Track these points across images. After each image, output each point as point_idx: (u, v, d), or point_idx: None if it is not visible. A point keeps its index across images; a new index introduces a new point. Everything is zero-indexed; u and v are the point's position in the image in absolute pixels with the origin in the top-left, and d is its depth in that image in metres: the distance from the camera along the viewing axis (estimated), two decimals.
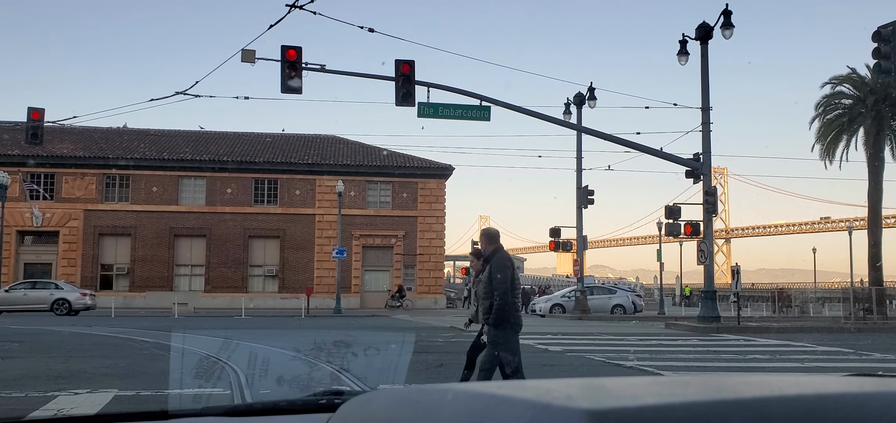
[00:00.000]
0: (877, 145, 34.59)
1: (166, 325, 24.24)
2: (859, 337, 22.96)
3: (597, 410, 0.91)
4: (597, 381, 1.23)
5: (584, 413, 0.91)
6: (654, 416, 0.92)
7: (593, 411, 0.91)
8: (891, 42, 19.53)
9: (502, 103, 26.25)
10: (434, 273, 49.34)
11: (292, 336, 20.13)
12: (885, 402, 1.07)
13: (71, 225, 45.70)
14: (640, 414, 0.92)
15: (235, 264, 46.67)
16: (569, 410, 0.93)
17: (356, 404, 1.63)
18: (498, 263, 8.08)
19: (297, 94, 22.42)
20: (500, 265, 8.05)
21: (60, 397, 9.26)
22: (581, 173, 37.31)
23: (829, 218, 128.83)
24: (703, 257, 27.45)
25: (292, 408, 2.42)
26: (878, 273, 34.20)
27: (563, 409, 0.94)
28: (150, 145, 48.71)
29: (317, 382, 8.40)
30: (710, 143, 27.64)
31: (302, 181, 47.80)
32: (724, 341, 20.99)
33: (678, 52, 28.26)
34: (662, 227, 38.80)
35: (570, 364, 14.10)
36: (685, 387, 1.11)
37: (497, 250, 8.25)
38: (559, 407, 0.95)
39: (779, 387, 1.09)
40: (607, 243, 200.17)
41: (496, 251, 8.24)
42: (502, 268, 8.02)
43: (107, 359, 13.97)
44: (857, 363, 15.40)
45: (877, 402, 1.06)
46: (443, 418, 1.16)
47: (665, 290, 53.93)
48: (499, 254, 8.21)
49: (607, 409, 0.92)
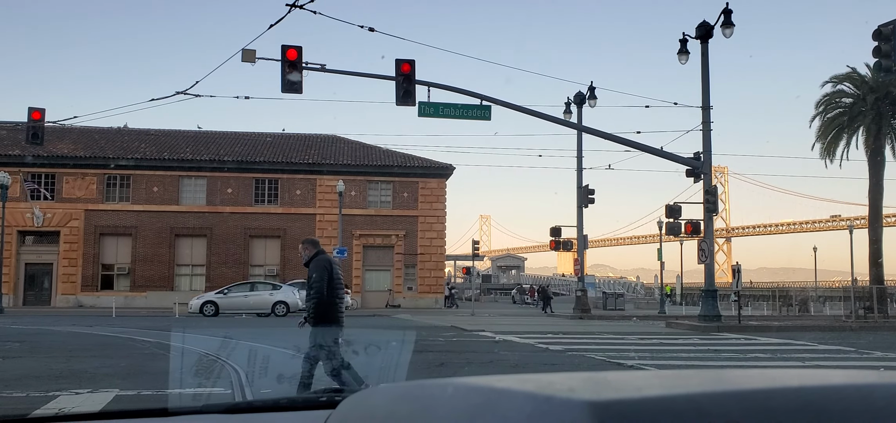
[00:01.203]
0: (877, 144, 34.57)
1: (167, 325, 24.24)
2: (861, 336, 22.95)
3: (599, 401, 0.91)
4: (599, 374, 1.22)
5: (586, 405, 0.90)
6: (656, 407, 0.91)
7: (595, 402, 0.90)
8: (891, 40, 19.51)
9: (503, 103, 26.25)
10: (435, 273, 49.34)
11: (293, 335, 20.13)
12: (889, 393, 1.07)
13: (72, 225, 45.69)
14: (641, 405, 0.91)
15: (236, 264, 46.64)
16: (571, 401, 0.92)
17: (356, 400, 1.63)
18: (315, 265, 8.88)
19: (298, 93, 22.43)
20: (317, 267, 8.84)
21: (62, 396, 9.27)
22: (581, 172, 37.33)
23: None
24: (704, 256, 27.45)
25: (293, 405, 2.42)
26: (879, 271, 34.17)
27: (566, 400, 0.93)
28: (151, 145, 48.70)
29: (317, 380, 8.42)
30: (711, 142, 27.64)
31: (302, 181, 47.79)
32: (725, 340, 20.98)
33: (678, 52, 28.26)
34: (663, 226, 38.81)
35: (571, 363, 14.10)
36: (687, 379, 1.11)
37: (316, 255, 9.02)
38: (561, 399, 0.94)
39: (781, 379, 1.09)
40: (608, 243, 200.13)
41: (315, 256, 9.00)
42: (319, 269, 8.81)
43: (108, 359, 13.98)
44: (858, 362, 15.39)
45: (881, 393, 1.06)
46: (442, 412, 1.15)
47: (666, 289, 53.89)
48: (317, 258, 8.98)
49: (609, 400, 0.91)
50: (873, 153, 34.65)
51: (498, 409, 1.03)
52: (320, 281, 8.76)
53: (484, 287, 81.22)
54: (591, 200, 37.03)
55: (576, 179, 37.49)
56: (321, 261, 8.93)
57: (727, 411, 0.92)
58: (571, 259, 52.29)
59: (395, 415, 1.28)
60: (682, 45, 28.14)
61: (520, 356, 15.39)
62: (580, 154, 37.16)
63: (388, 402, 1.40)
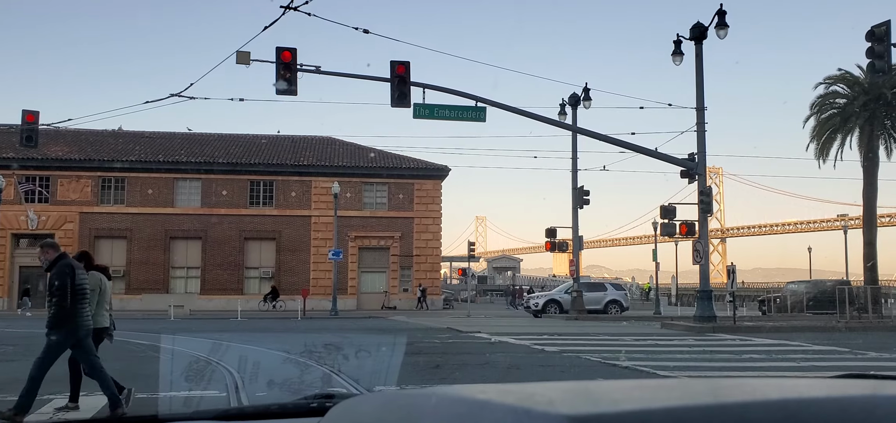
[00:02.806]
0: (871, 144, 34.67)
1: (162, 327, 24.19)
2: (854, 336, 23.02)
3: (576, 415, 0.91)
4: (581, 385, 1.23)
5: (563, 418, 0.91)
6: (633, 421, 0.92)
7: (573, 416, 0.91)
8: (884, 41, 19.59)
9: (498, 104, 26.26)
10: (431, 274, 49.30)
11: (289, 339, 20.11)
12: (868, 405, 1.07)
13: (66, 228, 45.57)
14: (619, 420, 0.92)
15: (231, 267, 46.60)
16: (549, 415, 0.93)
17: (343, 408, 1.64)
18: (57, 271, 8.52)
19: (292, 95, 22.43)
20: (58, 273, 8.49)
21: (55, 400, 9.25)
22: (576, 174, 37.36)
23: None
24: (699, 257, 27.50)
25: (283, 412, 2.42)
26: (873, 272, 34.27)
27: (544, 414, 0.94)
28: (145, 148, 48.61)
29: (308, 385, 8.41)
30: (705, 143, 27.69)
31: (297, 183, 47.74)
32: (720, 340, 21.02)
33: (673, 53, 28.30)
34: (658, 227, 38.85)
35: (566, 365, 14.11)
36: (668, 391, 1.11)
37: (58, 259, 8.65)
38: (539, 413, 0.95)
39: (761, 391, 1.09)
40: (603, 244, 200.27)
41: (57, 260, 8.64)
42: (61, 275, 8.44)
43: (103, 362, 13.92)
44: (852, 362, 15.43)
45: (860, 405, 1.06)
46: (426, 422, 1.16)
47: (661, 289, 54.02)
48: (59, 263, 8.60)
49: (586, 414, 0.92)
50: (867, 154, 34.75)
51: (479, 421, 1.04)
52: (63, 288, 8.37)
53: (480, 288, 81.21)
54: (586, 202, 37.08)
55: (571, 181, 37.56)
56: (64, 267, 8.53)
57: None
58: (567, 260, 52.39)
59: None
60: (676, 47, 28.18)
61: (514, 358, 15.40)
62: (575, 155, 37.22)
63: (374, 410, 1.42)
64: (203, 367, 9.47)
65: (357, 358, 9.35)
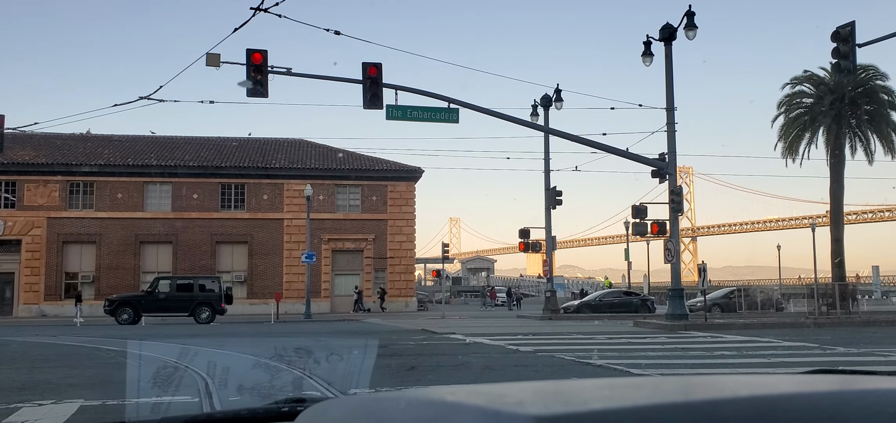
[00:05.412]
0: (837, 143, 35.21)
1: (132, 333, 23.91)
2: (823, 332, 23.37)
3: (545, 415, 0.91)
4: (551, 384, 1.23)
5: (532, 419, 0.90)
6: (602, 420, 0.91)
7: (541, 416, 0.90)
8: (849, 42, 19.91)
9: (470, 105, 26.31)
10: (405, 276, 49.26)
11: (261, 343, 19.97)
12: (836, 400, 1.08)
13: (33, 233, 44.89)
14: (587, 419, 0.91)
15: (203, 271, 46.13)
16: (517, 416, 0.92)
17: (314, 412, 1.62)
18: None
19: (263, 97, 22.28)
20: None
21: (24, 408, 9.09)
22: (549, 174, 37.52)
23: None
24: (670, 256, 27.75)
25: (253, 417, 2.39)
26: (841, 269, 34.79)
27: (512, 415, 0.93)
28: (114, 151, 48.03)
29: (279, 389, 8.35)
30: (675, 143, 27.96)
31: (269, 186, 47.45)
32: (692, 338, 21.22)
33: (643, 54, 28.55)
34: (629, 226, 39.16)
35: (540, 364, 14.16)
36: (639, 390, 1.11)
37: None
38: (508, 414, 0.94)
39: (731, 388, 1.10)
40: (576, 243, 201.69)
41: None
42: None
43: (72, 369, 13.73)
44: (821, 357, 15.66)
45: (829, 401, 1.07)
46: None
47: (633, 288, 54.46)
48: None
49: (555, 415, 0.91)
50: (833, 152, 35.29)
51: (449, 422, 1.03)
52: None
53: (454, 289, 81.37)
54: (558, 202, 37.26)
55: (543, 181, 37.70)
56: None
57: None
58: (540, 260, 52.61)
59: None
60: (646, 48, 28.43)
61: (489, 359, 15.42)
62: (547, 156, 37.37)
63: (344, 413, 1.42)
64: (172, 372, 9.37)
65: (329, 361, 9.30)
